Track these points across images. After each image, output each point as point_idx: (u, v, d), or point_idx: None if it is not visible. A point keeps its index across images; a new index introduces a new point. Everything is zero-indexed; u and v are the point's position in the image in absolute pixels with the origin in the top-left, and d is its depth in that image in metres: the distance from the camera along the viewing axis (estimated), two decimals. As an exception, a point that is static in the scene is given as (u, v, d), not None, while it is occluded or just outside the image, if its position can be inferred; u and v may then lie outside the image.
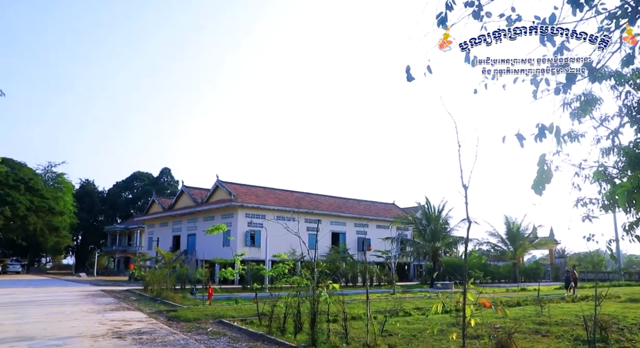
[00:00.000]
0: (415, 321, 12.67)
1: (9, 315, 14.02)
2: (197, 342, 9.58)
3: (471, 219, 6.32)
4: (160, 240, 45.86)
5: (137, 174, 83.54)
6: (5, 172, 46.09)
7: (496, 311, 6.36)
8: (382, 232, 42.97)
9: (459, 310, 11.10)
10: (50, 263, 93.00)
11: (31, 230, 54.85)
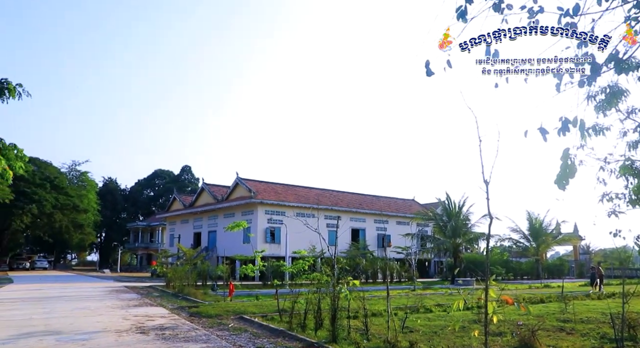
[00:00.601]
0: (436, 318, 12.59)
1: (38, 310, 14.37)
2: (218, 337, 9.66)
3: (493, 215, 6.25)
4: (182, 237, 46.38)
5: (158, 171, 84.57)
6: (32, 171, 47.05)
7: (519, 308, 6.25)
8: (402, 229, 42.76)
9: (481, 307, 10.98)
10: (75, 260, 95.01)
11: (57, 228, 55.99)
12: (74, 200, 55.18)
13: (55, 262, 76.42)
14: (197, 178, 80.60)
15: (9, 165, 12.22)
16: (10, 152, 12.89)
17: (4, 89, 12.59)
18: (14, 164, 12.68)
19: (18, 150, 13.39)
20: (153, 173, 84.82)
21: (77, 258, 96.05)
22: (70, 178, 65.19)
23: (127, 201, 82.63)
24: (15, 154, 13.10)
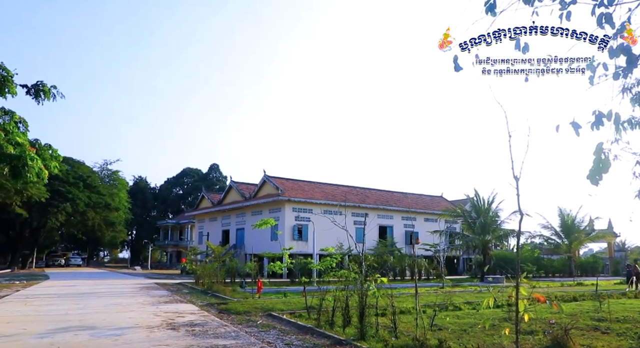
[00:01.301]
0: (465, 315, 12.43)
1: (72, 306, 14.77)
2: (247, 334, 9.76)
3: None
4: (210, 234, 46.99)
5: (186, 170, 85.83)
6: (66, 170, 48.33)
7: (551, 306, 6.12)
8: (430, 225, 42.39)
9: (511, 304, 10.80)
10: (107, 257, 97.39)
11: (90, 225, 57.39)
12: (106, 198, 56.47)
13: (89, 259, 78.52)
14: (225, 177, 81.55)
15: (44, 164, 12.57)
16: (46, 152, 13.27)
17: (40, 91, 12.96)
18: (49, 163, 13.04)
19: (53, 150, 13.77)
20: (182, 171, 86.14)
21: (109, 256, 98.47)
22: (102, 177, 66.76)
23: (156, 199, 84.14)
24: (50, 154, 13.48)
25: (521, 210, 5.92)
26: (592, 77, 5.31)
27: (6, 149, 11.54)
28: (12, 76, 12.66)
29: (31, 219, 51.99)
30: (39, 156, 12.44)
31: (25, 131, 13.41)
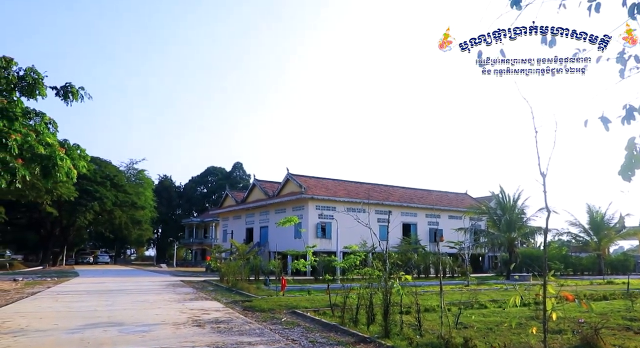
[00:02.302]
0: (491, 314, 12.28)
1: (101, 302, 15.09)
2: (272, 331, 9.82)
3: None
4: (234, 232, 47.41)
5: (210, 169, 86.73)
6: (93, 169, 49.37)
7: (580, 305, 5.99)
8: (454, 223, 41.98)
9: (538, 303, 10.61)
10: (134, 255, 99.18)
11: (117, 224, 58.51)
12: (132, 197, 57.48)
13: (116, 257, 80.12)
14: (249, 175, 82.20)
15: (73, 164, 12.86)
16: (74, 152, 13.57)
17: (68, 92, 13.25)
18: (78, 163, 13.34)
19: (81, 150, 14.08)
20: (206, 170, 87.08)
21: (136, 253, 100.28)
22: (128, 176, 67.93)
23: (181, 198, 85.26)
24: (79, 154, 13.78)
25: (548, 207, 5.82)
26: (622, 70, 5.18)
27: (37, 149, 11.84)
28: (42, 78, 12.97)
29: (61, 218, 53.31)
30: (68, 156, 12.74)
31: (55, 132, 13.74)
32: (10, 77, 12.66)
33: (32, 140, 12.09)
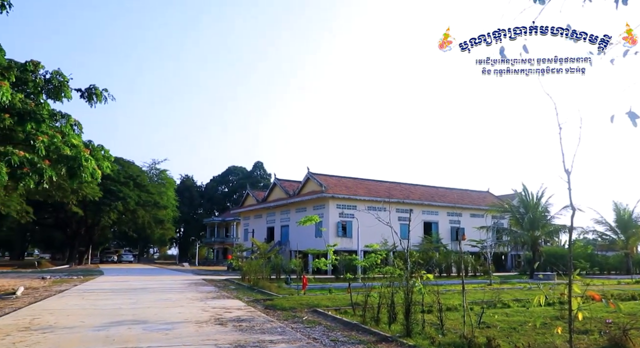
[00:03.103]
0: (514, 313, 12.12)
1: (126, 300, 15.34)
2: (293, 330, 9.85)
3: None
4: (255, 231, 47.68)
5: (231, 168, 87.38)
6: (117, 170, 50.21)
7: (607, 305, 5.86)
8: (476, 221, 41.55)
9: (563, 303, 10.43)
10: (157, 254, 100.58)
11: (140, 223, 59.38)
12: (155, 197, 58.24)
13: (139, 256, 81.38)
14: (269, 174, 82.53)
15: (97, 165, 13.10)
16: (98, 153, 13.82)
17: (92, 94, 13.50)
18: (102, 163, 13.58)
19: (105, 150, 14.33)
20: (227, 170, 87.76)
21: (159, 252, 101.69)
22: (151, 176, 68.85)
23: (203, 197, 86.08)
24: (103, 155, 14.03)
25: (573, 204, 5.72)
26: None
27: (63, 150, 12.09)
28: (68, 81, 13.24)
29: (86, 217, 54.34)
30: (93, 157, 12.98)
31: (80, 133, 14.01)
32: (38, 80, 12.98)
33: (59, 141, 12.36)
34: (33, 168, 11.52)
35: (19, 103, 11.71)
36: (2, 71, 11.66)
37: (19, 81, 12.57)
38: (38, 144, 11.71)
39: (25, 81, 12.83)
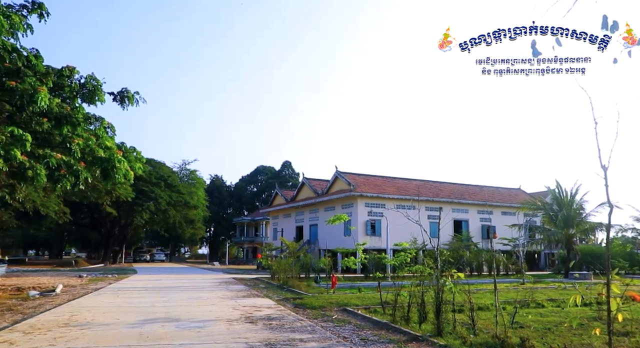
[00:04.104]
0: (549, 313, 11.86)
1: (158, 299, 15.64)
2: (323, 328, 9.87)
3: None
4: (284, 230, 47.93)
5: (260, 168, 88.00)
6: (148, 171, 51.15)
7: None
8: (507, 219, 40.80)
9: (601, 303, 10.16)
10: (188, 253, 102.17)
11: (171, 223, 60.38)
12: (185, 197, 59.12)
13: (171, 255, 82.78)
14: (297, 173, 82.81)
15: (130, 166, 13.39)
16: (131, 155, 14.12)
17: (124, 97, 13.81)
18: (134, 165, 13.88)
19: (137, 152, 14.64)
20: (255, 169, 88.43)
21: (190, 252, 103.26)
22: (181, 176, 69.91)
23: (232, 197, 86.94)
24: (135, 156, 14.33)
25: (610, 201, 5.56)
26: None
27: (97, 152, 12.41)
28: (101, 85, 13.58)
29: (119, 217, 55.59)
30: (125, 158, 13.28)
31: (113, 135, 14.35)
32: (73, 85, 13.35)
33: (93, 144, 12.69)
34: (69, 170, 11.86)
35: (56, 107, 12.07)
36: (41, 77, 12.04)
37: (55, 86, 12.95)
38: (74, 147, 12.04)
39: (62, 86, 13.22)
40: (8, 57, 11.88)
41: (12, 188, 18.35)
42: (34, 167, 11.06)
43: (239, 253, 73.91)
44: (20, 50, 12.32)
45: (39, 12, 12.96)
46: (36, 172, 11.06)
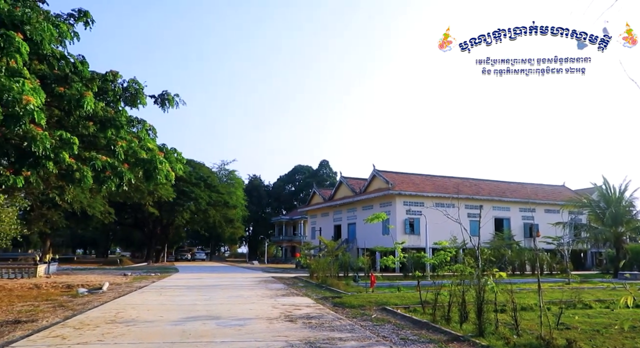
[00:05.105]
0: (597, 315, 11.44)
1: (200, 297, 15.97)
2: (362, 328, 9.84)
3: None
4: (322, 229, 48.04)
5: (298, 167, 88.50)
6: (189, 171, 52.21)
7: None
8: (551, 217, 39.58)
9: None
10: (227, 252, 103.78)
11: (211, 223, 61.45)
12: (225, 197, 60.04)
13: (211, 254, 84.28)
14: (335, 172, 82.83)
15: (171, 167, 13.72)
16: (172, 156, 14.47)
17: (165, 100, 14.16)
18: (175, 166, 14.21)
19: (177, 153, 14.98)
20: (293, 169, 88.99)
21: (229, 251, 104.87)
22: (220, 176, 71.04)
23: (270, 196, 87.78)
24: (176, 157, 14.67)
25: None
26: None
27: (140, 154, 12.77)
28: (143, 88, 13.97)
29: (161, 217, 56.99)
30: (166, 159, 13.62)
31: (155, 137, 14.73)
32: (116, 89, 13.80)
33: (136, 146, 13.08)
34: (114, 171, 12.26)
35: (100, 111, 12.50)
36: (87, 82, 12.49)
37: (100, 91, 13.41)
38: (118, 149, 12.43)
39: (106, 90, 13.67)
40: (57, 64, 12.38)
41: (62, 189, 19.14)
42: (81, 169, 11.48)
43: (277, 252, 74.54)
44: (68, 57, 12.82)
45: (85, 20, 13.44)
46: (83, 174, 11.47)
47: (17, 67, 9.45)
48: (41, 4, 13.40)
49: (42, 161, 10.23)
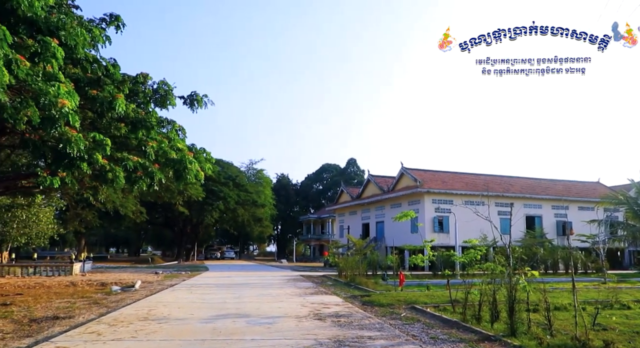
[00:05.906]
0: (636, 316, 11.10)
1: (229, 295, 16.16)
2: (391, 326, 9.80)
3: None
4: (350, 228, 47.98)
5: (325, 166, 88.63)
6: (217, 171, 52.88)
7: None
8: (585, 214, 38.57)
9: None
10: (256, 250, 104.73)
11: (240, 221, 62.11)
12: (253, 196, 60.58)
13: (240, 253, 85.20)
14: (363, 171, 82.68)
15: (200, 167, 13.92)
16: (201, 156, 14.68)
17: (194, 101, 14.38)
18: (204, 165, 14.41)
19: (207, 153, 15.18)
20: (321, 167, 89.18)
21: (258, 249, 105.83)
22: (249, 176, 71.72)
23: (298, 195, 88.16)
24: (205, 157, 14.87)
25: None
26: None
27: (170, 154, 13.00)
28: (172, 90, 14.21)
29: (191, 217, 57.89)
30: (196, 159, 13.82)
31: (184, 137, 14.96)
32: (147, 90, 14.08)
33: (166, 146, 13.31)
34: (145, 172, 12.51)
35: (132, 113, 12.78)
36: (118, 85, 12.79)
37: (131, 92, 13.72)
38: (148, 149, 12.68)
39: (136, 92, 13.98)
40: (90, 68, 12.72)
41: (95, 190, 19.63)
42: (114, 170, 11.76)
43: (306, 251, 74.84)
44: (100, 60, 13.14)
45: (116, 24, 13.76)
46: (115, 174, 11.75)
47: (53, 72, 9.73)
48: (75, 9, 13.77)
49: (77, 162, 10.51)
